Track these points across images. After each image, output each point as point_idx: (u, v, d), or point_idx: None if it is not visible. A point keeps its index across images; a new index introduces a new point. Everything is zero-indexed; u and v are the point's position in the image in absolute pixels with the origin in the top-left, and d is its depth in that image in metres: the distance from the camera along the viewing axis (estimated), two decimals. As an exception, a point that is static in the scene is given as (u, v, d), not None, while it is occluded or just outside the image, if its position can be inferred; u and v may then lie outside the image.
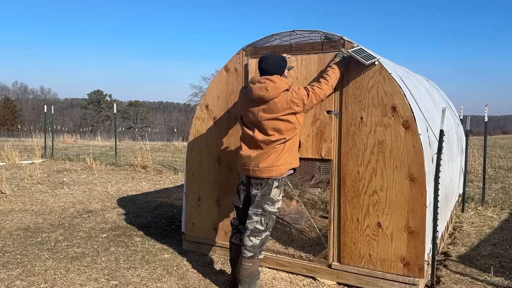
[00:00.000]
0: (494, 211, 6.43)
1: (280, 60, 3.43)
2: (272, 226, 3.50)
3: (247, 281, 3.43)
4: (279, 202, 3.49)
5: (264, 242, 3.46)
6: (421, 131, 3.47)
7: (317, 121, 3.79)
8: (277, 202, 3.46)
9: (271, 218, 3.46)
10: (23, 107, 65.27)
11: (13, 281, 3.77)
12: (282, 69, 3.43)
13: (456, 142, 5.71)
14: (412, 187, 3.47)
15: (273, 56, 3.48)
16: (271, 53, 3.80)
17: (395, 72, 3.66)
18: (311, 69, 3.78)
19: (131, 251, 4.61)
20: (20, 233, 5.20)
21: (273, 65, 3.38)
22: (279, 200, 3.48)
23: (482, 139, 7.43)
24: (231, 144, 4.31)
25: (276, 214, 3.49)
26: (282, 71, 3.43)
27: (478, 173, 9.24)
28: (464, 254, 4.64)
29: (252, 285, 3.46)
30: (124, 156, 12.98)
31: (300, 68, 3.83)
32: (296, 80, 3.84)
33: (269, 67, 3.36)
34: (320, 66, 3.73)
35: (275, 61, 3.40)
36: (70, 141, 21.99)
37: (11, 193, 7.47)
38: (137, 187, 8.33)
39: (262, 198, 3.40)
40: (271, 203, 3.42)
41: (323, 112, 3.76)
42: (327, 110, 3.73)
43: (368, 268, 3.68)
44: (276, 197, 3.44)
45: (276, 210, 3.47)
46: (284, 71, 3.48)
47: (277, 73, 3.36)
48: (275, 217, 3.51)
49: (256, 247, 3.40)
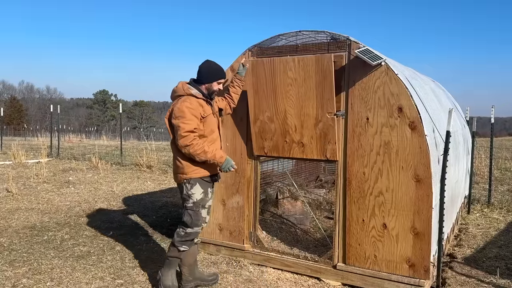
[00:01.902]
0: (500, 213, 6.40)
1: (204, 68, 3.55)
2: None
3: (166, 262, 3.61)
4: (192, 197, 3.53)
5: (180, 236, 3.53)
6: (428, 132, 3.46)
7: (320, 123, 3.76)
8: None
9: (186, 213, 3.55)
10: (29, 106, 65.61)
11: (19, 279, 3.79)
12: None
13: (462, 144, 5.69)
14: (418, 188, 3.45)
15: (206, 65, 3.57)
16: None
17: (401, 73, 3.65)
18: (309, 70, 3.70)
19: (137, 250, 4.63)
20: (27, 231, 5.24)
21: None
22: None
23: (489, 140, 7.40)
24: (237, 144, 4.31)
25: (191, 209, 3.51)
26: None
27: (484, 174, 9.19)
28: (470, 256, 4.61)
29: (169, 266, 3.58)
30: (130, 155, 13.02)
31: (298, 70, 3.76)
32: (295, 81, 3.79)
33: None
34: (318, 67, 3.64)
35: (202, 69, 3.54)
36: (75, 141, 22.10)
37: (18, 191, 7.52)
38: (142, 187, 8.36)
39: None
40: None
41: (325, 115, 3.71)
42: (329, 112, 3.70)
43: (373, 269, 3.67)
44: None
45: (191, 205, 3.50)
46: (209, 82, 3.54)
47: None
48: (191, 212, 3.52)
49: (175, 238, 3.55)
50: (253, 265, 4.24)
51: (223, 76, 3.57)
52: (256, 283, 3.85)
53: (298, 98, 3.80)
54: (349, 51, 3.68)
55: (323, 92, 3.66)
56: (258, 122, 4.05)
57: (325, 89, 3.64)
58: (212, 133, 3.50)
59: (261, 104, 3.98)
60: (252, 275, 4.02)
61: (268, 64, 3.86)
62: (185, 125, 3.29)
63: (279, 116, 3.93)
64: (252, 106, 4.04)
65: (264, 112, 3.99)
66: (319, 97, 3.69)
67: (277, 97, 3.89)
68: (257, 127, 4.06)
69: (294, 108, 3.84)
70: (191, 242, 3.56)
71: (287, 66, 3.77)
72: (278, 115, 3.93)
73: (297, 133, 3.88)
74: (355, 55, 3.57)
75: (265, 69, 3.88)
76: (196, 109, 3.35)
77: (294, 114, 3.85)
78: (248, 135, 4.22)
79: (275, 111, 3.93)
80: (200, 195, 3.50)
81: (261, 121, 4.03)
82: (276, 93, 3.88)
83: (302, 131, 3.85)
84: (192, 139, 3.30)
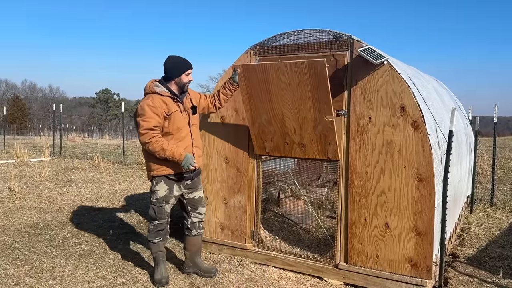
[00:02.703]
0: (503, 213, 6.37)
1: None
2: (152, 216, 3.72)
3: (153, 259, 3.83)
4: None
5: (150, 230, 3.74)
6: (430, 131, 3.45)
7: (319, 125, 3.68)
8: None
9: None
10: (32, 105, 65.75)
11: (21, 278, 3.80)
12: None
13: (465, 143, 5.67)
14: (420, 187, 3.44)
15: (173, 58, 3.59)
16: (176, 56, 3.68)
17: (404, 72, 3.64)
18: (303, 74, 3.52)
19: (139, 249, 4.63)
20: (29, 230, 5.25)
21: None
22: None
23: (491, 140, 7.38)
24: (239, 144, 4.31)
25: (154, 204, 3.67)
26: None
27: (487, 174, 9.16)
28: (473, 255, 4.60)
29: (156, 263, 3.77)
30: (132, 154, 13.04)
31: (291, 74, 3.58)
32: (289, 86, 3.63)
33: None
34: (312, 71, 3.46)
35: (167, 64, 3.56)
36: (78, 140, 22.14)
37: (20, 190, 7.54)
38: (145, 186, 8.36)
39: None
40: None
41: (323, 118, 3.62)
42: (327, 115, 3.62)
43: (375, 269, 3.66)
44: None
45: (154, 200, 3.66)
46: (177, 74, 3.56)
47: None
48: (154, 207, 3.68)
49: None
50: (255, 264, 4.23)
51: (189, 66, 3.56)
52: (258, 282, 3.85)
53: (294, 101, 3.68)
54: (352, 50, 3.67)
55: (319, 96, 3.53)
56: (256, 124, 4.00)
57: (321, 93, 3.50)
58: (179, 131, 3.53)
59: (257, 107, 3.90)
60: (254, 274, 4.02)
61: (260, 69, 3.68)
62: (145, 123, 3.36)
63: (277, 119, 3.85)
64: (248, 109, 3.96)
65: (262, 115, 3.91)
66: (315, 100, 3.57)
67: (272, 101, 3.77)
68: (256, 129, 4.03)
69: (291, 111, 3.74)
70: (162, 232, 3.74)
71: (279, 71, 3.59)
72: (276, 118, 3.85)
73: (296, 135, 3.84)
74: (358, 54, 3.56)
75: (258, 74, 3.71)
76: (158, 107, 3.40)
77: (292, 117, 3.76)
78: (250, 134, 4.21)
79: (272, 114, 3.85)
80: (164, 192, 3.62)
81: (259, 123, 3.97)
82: (271, 96, 3.75)
83: (301, 133, 3.80)
84: (151, 137, 3.37)
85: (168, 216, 3.75)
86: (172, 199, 3.69)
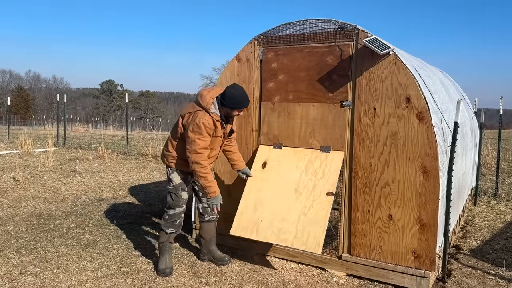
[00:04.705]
0: (507, 205, 6.35)
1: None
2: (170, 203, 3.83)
3: (159, 248, 3.90)
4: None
5: (165, 219, 3.84)
6: (435, 123, 3.42)
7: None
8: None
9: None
10: (36, 96, 65.86)
11: (26, 267, 3.82)
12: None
13: (470, 135, 5.64)
14: (425, 179, 3.43)
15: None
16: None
17: (409, 63, 3.60)
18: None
19: (142, 239, 4.65)
20: (33, 219, 5.28)
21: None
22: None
23: (496, 132, 7.33)
24: (242, 135, 4.30)
25: (171, 191, 3.81)
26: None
27: (492, 166, 9.12)
28: (476, 247, 4.59)
29: (162, 252, 3.84)
30: (136, 145, 13.05)
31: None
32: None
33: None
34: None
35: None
36: (82, 130, 22.19)
37: (25, 180, 7.57)
38: (148, 176, 8.39)
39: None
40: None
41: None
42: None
43: (378, 260, 3.66)
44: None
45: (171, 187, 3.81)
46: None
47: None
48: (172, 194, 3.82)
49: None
50: (258, 254, 4.24)
51: (245, 106, 3.62)
52: (261, 273, 3.86)
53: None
54: (357, 40, 3.64)
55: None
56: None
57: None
58: (212, 151, 3.70)
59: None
60: (257, 265, 4.03)
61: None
62: (201, 142, 3.50)
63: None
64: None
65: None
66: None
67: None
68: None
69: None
70: (177, 224, 3.84)
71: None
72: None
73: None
74: (363, 44, 3.52)
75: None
76: (210, 128, 3.54)
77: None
78: (254, 126, 4.20)
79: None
80: (179, 180, 3.79)
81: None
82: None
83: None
84: (204, 160, 3.52)
85: (184, 203, 3.86)
86: (188, 185, 3.87)
